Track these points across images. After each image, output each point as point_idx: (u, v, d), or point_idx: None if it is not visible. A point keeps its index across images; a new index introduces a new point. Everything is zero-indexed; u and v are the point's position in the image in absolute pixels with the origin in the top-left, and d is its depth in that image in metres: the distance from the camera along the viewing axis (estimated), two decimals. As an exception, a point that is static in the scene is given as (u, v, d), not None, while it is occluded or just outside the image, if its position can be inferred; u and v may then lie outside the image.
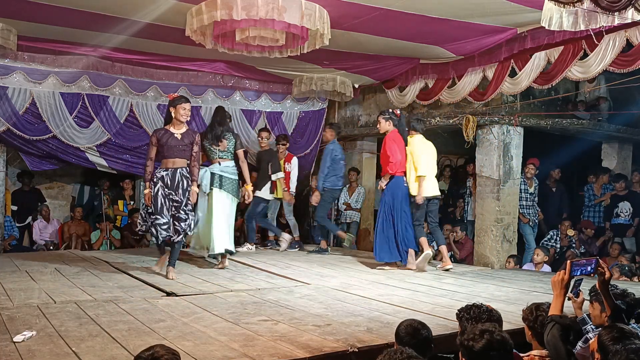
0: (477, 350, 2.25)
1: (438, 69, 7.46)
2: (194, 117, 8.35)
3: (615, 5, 3.98)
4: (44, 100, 7.41)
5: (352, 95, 8.63)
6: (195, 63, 7.84)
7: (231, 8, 5.01)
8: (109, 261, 6.41)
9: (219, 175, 6.09)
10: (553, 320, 2.71)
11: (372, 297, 4.79)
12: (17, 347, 3.11)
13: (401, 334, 2.77)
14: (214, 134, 6.19)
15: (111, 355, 3.04)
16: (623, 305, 3.16)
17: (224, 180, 6.09)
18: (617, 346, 2.23)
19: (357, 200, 9.31)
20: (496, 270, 6.99)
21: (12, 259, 6.58)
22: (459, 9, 5.49)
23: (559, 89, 7.63)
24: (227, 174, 6.14)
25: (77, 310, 4.06)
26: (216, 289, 5.03)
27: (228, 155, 6.24)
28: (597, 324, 3.18)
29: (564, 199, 8.89)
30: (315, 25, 5.27)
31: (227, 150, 6.23)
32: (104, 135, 7.82)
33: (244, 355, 3.06)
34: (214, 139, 6.18)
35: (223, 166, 6.15)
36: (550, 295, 2.97)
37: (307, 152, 9.36)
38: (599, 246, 8.19)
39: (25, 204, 8.79)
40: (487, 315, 2.89)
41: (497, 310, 2.99)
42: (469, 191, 8.47)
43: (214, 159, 6.21)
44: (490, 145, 7.42)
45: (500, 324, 2.87)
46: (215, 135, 6.18)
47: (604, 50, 5.63)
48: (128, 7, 5.61)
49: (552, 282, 2.88)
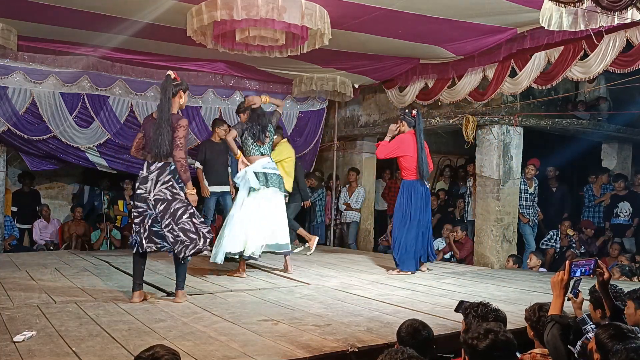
0: (481, 349, 2.25)
1: (438, 69, 7.46)
2: (194, 117, 8.36)
3: (616, 5, 3.98)
4: (44, 100, 7.41)
5: (352, 95, 8.63)
6: (195, 63, 7.84)
7: (231, 8, 5.01)
8: (109, 261, 6.42)
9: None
10: (553, 319, 2.71)
11: (372, 297, 4.79)
12: (17, 347, 3.11)
13: (402, 333, 2.77)
14: (260, 128, 5.76)
15: (111, 355, 3.04)
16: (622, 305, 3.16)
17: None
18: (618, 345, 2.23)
19: (357, 200, 9.31)
20: (496, 270, 7.00)
21: (12, 259, 6.59)
22: (459, 9, 5.49)
23: (559, 89, 7.63)
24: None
25: (77, 310, 4.06)
26: (216, 289, 5.03)
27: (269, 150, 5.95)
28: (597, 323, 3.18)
29: (566, 199, 8.88)
30: (315, 25, 5.27)
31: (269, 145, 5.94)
32: (104, 135, 7.82)
33: (244, 355, 3.06)
34: (260, 133, 5.76)
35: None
36: (550, 295, 2.98)
37: (306, 152, 9.37)
38: (598, 246, 8.19)
39: (25, 205, 8.78)
40: (494, 314, 2.90)
41: (503, 311, 3.00)
42: (469, 191, 8.47)
43: (257, 155, 5.83)
44: (490, 145, 7.42)
45: (505, 324, 2.88)
46: (263, 126, 5.76)
47: (604, 50, 5.62)
48: (128, 7, 5.61)
49: (551, 283, 2.90)
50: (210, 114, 8.56)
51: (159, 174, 4.38)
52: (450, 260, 8.01)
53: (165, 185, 4.38)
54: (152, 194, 4.36)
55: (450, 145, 9.59)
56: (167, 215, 4.35)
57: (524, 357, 2.83)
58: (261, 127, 5.77)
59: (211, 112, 8.58)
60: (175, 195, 4.39)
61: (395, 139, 6.27)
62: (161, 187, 4.37)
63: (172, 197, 4.38)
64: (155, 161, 4.39)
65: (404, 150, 6.23)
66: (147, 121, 4.56)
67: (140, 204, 4.41)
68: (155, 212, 4.37)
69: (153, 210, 4.38)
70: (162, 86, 4.46)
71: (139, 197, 4.41)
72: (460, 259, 7.96)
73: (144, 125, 4.57)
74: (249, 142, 5.79)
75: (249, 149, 5.80)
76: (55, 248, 8.57)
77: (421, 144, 6.24)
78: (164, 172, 4.39)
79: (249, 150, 5.80)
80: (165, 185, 4.38)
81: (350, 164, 9.67)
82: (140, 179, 4.46)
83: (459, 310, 3.11)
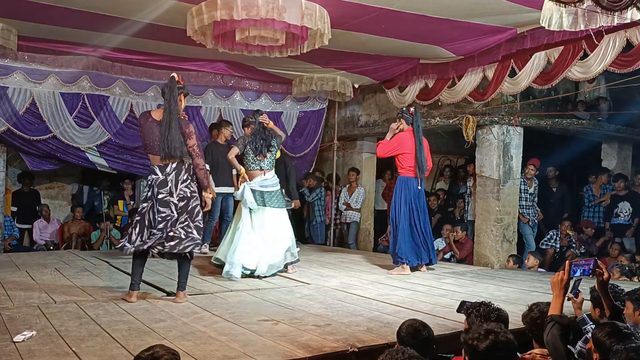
0: (481, 350, 2.25)
1: (438, 69, 7.46)
2: (194, 117, 8.37)
3: (616, 5, 3.97)
4: (44, 100, 7.42)
5: (352, 95, 8.63)
6: (195, 63, 7.84)
7: (231, 8, 5.01)
8: (109, 261, 6.42)
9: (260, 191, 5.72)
10: (553, 320, 2.71)
11: (372, 297, 4.79)
12: (17, 347, 3.11)
13: (402, 334, 2.77)
14: (264, 142, 5.70)
15: (111, 355, 3.04)
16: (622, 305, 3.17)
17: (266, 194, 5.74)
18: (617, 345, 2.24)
19: (357, 200, 9.31)
20: (496, 270, 6.99)
21: (12, 259, 6.59)
22: (459, 9, 5.49)
23: (559, 89, 7.63)
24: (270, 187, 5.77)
25: (77, 310, 4.06)
26: (216, 289, 5.03)
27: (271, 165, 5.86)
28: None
29: (566, 199, 8.87)
30: (315, 25, 5.27)
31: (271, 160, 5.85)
32: (104, 135, 7.83)
33: (244, 355, 3.06)
34: (263, 147, 5.69)
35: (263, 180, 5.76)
36: (549, 295, 2.98)
37: (307, 152, 9.37)
38: (599, 246, 8.19)
39: (25, 205, 8.78)
40: (496, 314, 2.89)
41: (505, 311, 3.00)
42: (469, 191, 8.47)
43: (256, 170, 5.78)
44: (490, 145, 7.42)
45: (507, 324, 2.88)
46: (268, 142, 5.71)
47: (604, 50, 5.62)
48: (128, 7, 5.61)
49: (551, 283, 2.90)
50: (210, 114, 8.57)
51: (177, 174, 4.37)
52: (450, 260, 8.00)
53: (185, 184, 4.40)
54: (175, 194, 4.35)
55: (450, 145, 9.58)
56: (185, 212, 4.36)
57: (523, 357, 2.83)
58: (265, 142, 5.73)
59: (211, 112, 8.58)
60: (192, 193, 4.42)
61: (395, 138, 6.29)
62: (181, 186, 4.38)
63: (190, 195, 4.41)
64: (168, 163, 4.35)
65: (403, 149, 6.25)
66: (147, 122, 4.41)
67: (164, 209, 4.31)
68: (177, 213, 4.34)
69: (175, 213, 4.33)
70: (169, 87, 4.42)
71: (161, 201, 4.30)
72: (460, 259, 7.96)
73: (145, 127, 4.40)
74: (250, 156, 5.76)
75: (249, 163, 5.79)
76: (55, 248, 8.57)
77: (420, 141, 6.26)
78: (181, 171, 4.39)
79: (249, 164, 5.79)
80: (185, 183, 4.40)
81: (350, 164, 9.67)
82: (157, 184, 4.32)
83: (461, 310, 3.11)
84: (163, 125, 4.31)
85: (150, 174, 4.41)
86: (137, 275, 4.46)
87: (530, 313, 3.02)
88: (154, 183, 4.34)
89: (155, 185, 4.34)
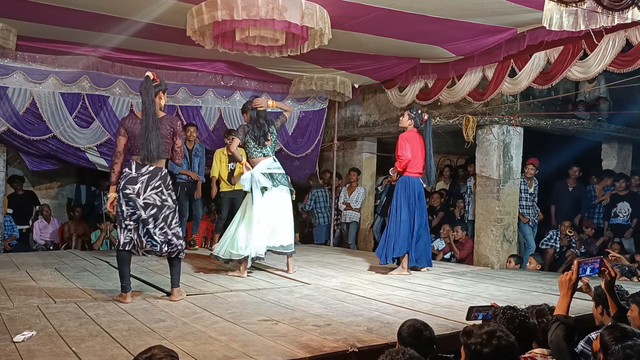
0: (485, 354, 2.23)
1: (438, 69, 7.46)
2: (194, 117, 8.37)
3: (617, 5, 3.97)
4: (44, 101, 7.41)
5: (352, 95, 8.63)
6: (195, 63, 7.84)
7: (231, 8, 5.01)
8: (109, 261, 6.42)
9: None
10: (558, 320, 2.67)
11: (372, 297, 4.79)
12: (17, 347, 3.11)
13: (404, 334, 2.77)
14: (261, 131, 5.78)
15: (111, 355, 3.04)
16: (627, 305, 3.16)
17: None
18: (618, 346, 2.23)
19: (357, 200, 9.31)
20: (496, 270, 6.99)
21: (12, 259, 6.59)
22: (459, 9, 5.49)
23: (559, 89, 7.63)
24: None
25: (77, 310, 4.06)
26: (216, 289, 5.03)
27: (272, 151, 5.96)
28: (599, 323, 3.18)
29: (583, 199, 8.74)
30: (315, 25, 5.27)
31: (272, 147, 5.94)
32: (104, 135, 7.82)
33: (244, 355, 3.06)
34: (261, 137, 5.78)
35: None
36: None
37: (308, 152, 9.37)
38: (598, 246, 8.19)
39: (21, 207, 8.74)
40: (521, 320, 2.79)
41: (533, 321, 2.88)
42: (469, 191, 8.47)
43: (259, 157, 5.85)
44: (490, 145, 7.42)
45: (534, 336, 2.82)
46: (264, 130, 5.79)
47: (604, 50, 5.63)
48: (128, 7, 5.61)
49: (559, 282, 2.84)
50: (210, 114, 8.57)
51: (150, 178, 4.34)
52: (450, 260, 8.01)
53: (155, 191, 4.35)
54: (142, 197, 4.31)
55: (450, 145, 9.58)
56: (159, 220, 4.36)
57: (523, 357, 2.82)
58: (262, 131, 5.78)
59: (211, 112, 8.58)
60: (163, 202, 4.38)
61: (402, 140, 6.14)
62: (151, 192, 4.34)
63: (161, 203, 4.36)
64: (145, 164, 4.34)
65: (415, 149, 6.16)
66: (131, 121, 4.43)
67: (130, 203, 4.32)
68: (145, 215, 4.33)
69: (143, 212, 4.33)
70: (144, 87, 4.40)
71: (126, 196, 4.32)
72: (460, 259, 7.96)
73: (128, 126, 4.41)
74: (251, 144, 5.82)
75: (251, 151, 5.84)
76: (55, 248, 8.56)
77: (430, 150, 6.22)
78: (155, 176, 4.36)
79: (251, 152, 5.84)
80: (155, 190, 4.35)
81: (351, 164, 9.67)
82: (127, 178, 4.32)
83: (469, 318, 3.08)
84: (142, 127, 4.31)
85: (125, 167, 4.41)
86: (126, 278, 4.44)
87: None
88: (125, 176, 4.35)
89: (124, 179, 4.34)
